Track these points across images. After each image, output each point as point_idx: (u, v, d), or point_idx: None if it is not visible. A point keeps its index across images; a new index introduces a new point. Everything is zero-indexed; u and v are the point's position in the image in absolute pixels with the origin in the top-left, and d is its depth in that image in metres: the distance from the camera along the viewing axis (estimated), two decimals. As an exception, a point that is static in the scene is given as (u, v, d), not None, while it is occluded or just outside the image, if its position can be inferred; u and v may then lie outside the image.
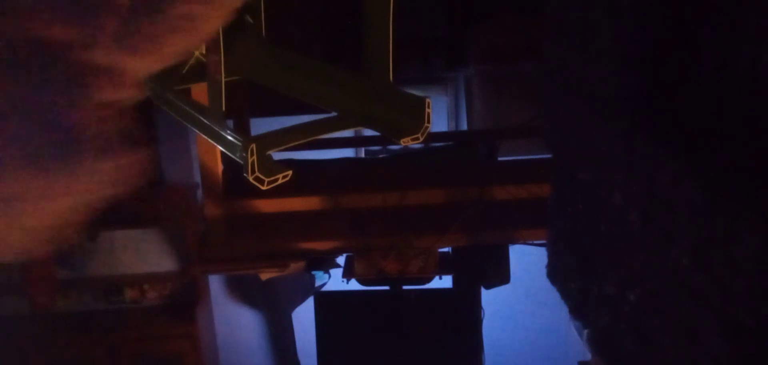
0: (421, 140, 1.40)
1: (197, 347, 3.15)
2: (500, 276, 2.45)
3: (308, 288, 3.32)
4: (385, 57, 1.39)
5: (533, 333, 3.63)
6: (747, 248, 0.69)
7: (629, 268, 0.83)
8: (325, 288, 3.25)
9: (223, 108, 1.31)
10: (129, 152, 0.97)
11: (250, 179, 1.28)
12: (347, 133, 2.87)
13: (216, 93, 1.31)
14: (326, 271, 3.21)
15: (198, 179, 2.14)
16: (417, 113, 1.38)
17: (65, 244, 0.97)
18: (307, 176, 2.06)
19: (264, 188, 1.30)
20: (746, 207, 0.69)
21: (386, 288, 2.37)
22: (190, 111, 1.41)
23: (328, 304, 2.56)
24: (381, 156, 3.24)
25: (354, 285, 2.39)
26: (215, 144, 1.46)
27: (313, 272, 3.21)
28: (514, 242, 2.34)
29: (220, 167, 2.09)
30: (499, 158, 2.49)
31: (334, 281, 3.14)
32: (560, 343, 3.36)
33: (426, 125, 1.38)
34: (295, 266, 2.25)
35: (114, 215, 2.50)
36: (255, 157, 1.26)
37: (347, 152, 3.13)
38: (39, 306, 3.01)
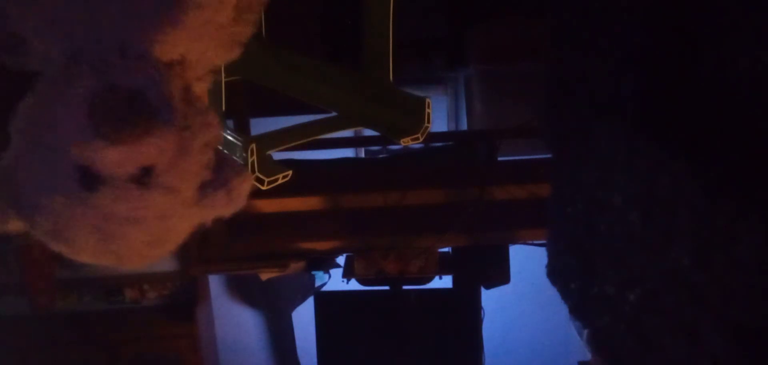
0: (421, 140, 1.40)
1: (197, 347, 3.15)
2: (500, 276, 2.45)
3: (308, 288, 3.31)
4: (385, 57, 1.39)
5: (533, 333, 3.63)
6: (747, 248, 0.69)
7: (629, 268, 0.83)
8: (325, 288, 3.25)
9: (223, 108, 1.31)
10: (236, 177, 1.02)
11: (250, 179, 1.28)
12: (347, 133, 2.87)
13: (216, 93, 1.31)
14: (326, 271, 3.21)
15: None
16: (417, 112, 1.38)
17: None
18: (307, 176, 2.06)
19: (264, 188, 1.30)
20: (746, 207, 0.69)
21: (386, 288, 2.37)
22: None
23: (328, 304, 2.56)
24: (381, 156, 3.24)
25: (354, 285, 2.39)
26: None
27: (313, 272, 3.21)
28: (514, 242, 2.34)
29: (220, 167, 2.09)
30: (499, 158, 2.49)
31: (334, 281, 3.14)
32: (560, 343, 3.35)
33: (426, 125, 1.38)
34: (295, 266, 2.25)
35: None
36: (255, 157, 1.27)
37: (347, 152, 3.12)
38: (39, 306, 3.00)
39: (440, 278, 2.38)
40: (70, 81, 0.90)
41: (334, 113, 1.51)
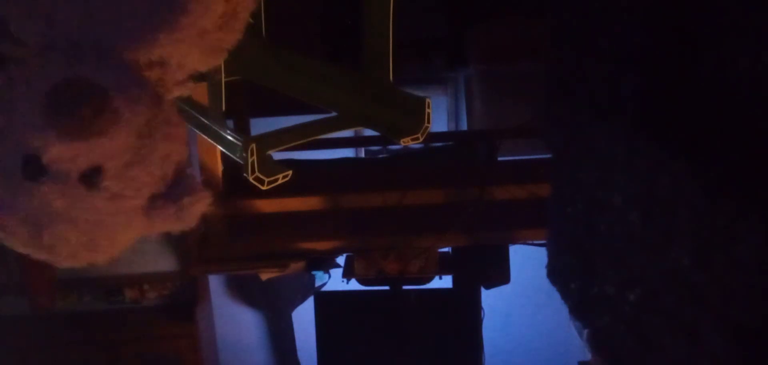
0: (421, 140, 1.40)
1: (197, 347, 3.15)
2: (500, 276, 2.45)
3: (308, 288, 3.31)
4: (385, 57, 1.39)
5: (533, 333, 3.63)
6: (747, 248, 0.69)
7: (629, 268, 0.83)
8: (325, 288, 3.25)
9: (223, 108, 1.31)
10: (190, 196, 1.00)
11: (250, 179, 1.28)
12: (347, 133, 2.87)
13: (216, 93, 1.31)
14: (326, 271, 3.21)
15: (198, 179, 2.14)
16: (417, 113, 1.38)
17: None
18: (307, 176, 2.06)
19: (264, 188, 1.30)
20: (746, 207, 0.69)
21: (386, 288, 2.37)
22: (190, 111, 1.41)
23: (328, 304, 2.56)
24: (381, 156, 3.24)
25: (354, 285, 2.39)
26: (215, 144, 1.46)
27: (313, 272, 3.21)
28: (514, 242, 2.34)
29: (220, 167, 2.09)
30: (499, 158, 2.49)
31: (334, 281, 3.14)
32: (560, 343, 3.35)
33: (426, 125, 1.38)
34: (295, 266, 2.25)
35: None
36: (255, 157, 1.27)
37: (347, 152, 3.13)
38: (39, 306, 3.01)
39: (440, 278, 2.38)
40: (38, 68, 0.88)
41: (334, 113, 1.51)
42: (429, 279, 2.37)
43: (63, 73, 0.86)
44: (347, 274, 2.35)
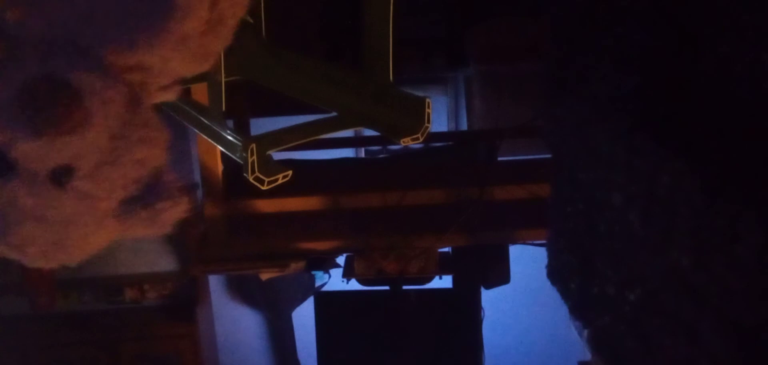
0: (421, 140, 1.40)
1: (197, 347, 3.15)
2: (500, 276, 2.45)
3: (308, 288, 3.31)
4: (385, 57, 1.39)
5: (533, 333, 3.63)
6: (747, 248, 0.69)
7: (629, 268, 0.84)
8: (325, 288, 3.25)
9: (223, 108, 1.31)
10: (165, 202, 0.98)
11: (250, 179, 1.28)
12: (347, 133, 2.87)
13: (216, 93, 1.31)
14: (326, 271, 3.21)
15: (198, 179, 2.14)
16: (417, 113, 1.38)
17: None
18: (307, 176, 2.06)
19: (264, 188, 1.30)
20: (746, 207, 0.69)
21: (386, 288, 2.37)
22: (190, 111, 1.41)
23: (328, 304, 2.56)
24: (381, 156, 3.24)
25: (354, 285, 2.38)
26: (215, 144, 1.46)
27: (313, 272, 3.21)
28: (514, 242, 2.34)
29: (220, 167, 2.09)
30: (499, 158, 2.49)
31: (334, 281, 3.14)
32: (560, 343, 3.35)
33: (426, 125, 1.38)
34: (295, 266, 2.25)
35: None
36: (255, 157, 1.27)
37: (347, 152, 3.13)
38: (39, 306, 3.01)
39: (440, 278, 2.38)
40: (12, 63, 0.87)
41: (334, 113, 1.51)
42: (429, 279, 2.37)
43: (36, 70, 0.85)
44: (347, 274, 2.35)
